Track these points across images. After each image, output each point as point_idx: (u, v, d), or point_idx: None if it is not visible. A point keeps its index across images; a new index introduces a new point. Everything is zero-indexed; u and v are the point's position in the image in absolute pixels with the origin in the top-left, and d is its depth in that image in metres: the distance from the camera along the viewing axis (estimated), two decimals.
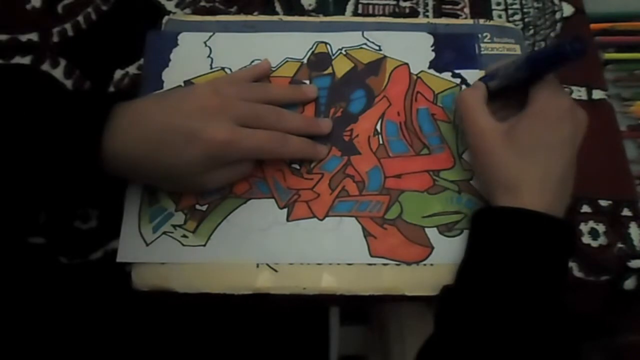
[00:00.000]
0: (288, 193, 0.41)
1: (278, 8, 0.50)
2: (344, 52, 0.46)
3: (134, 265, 0.39)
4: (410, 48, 0.47)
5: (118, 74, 0.46)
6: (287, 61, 0.46)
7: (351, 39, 0.47)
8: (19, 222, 0.41)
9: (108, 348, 0.44)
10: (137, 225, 0.40)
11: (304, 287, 0.39)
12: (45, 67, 0.47)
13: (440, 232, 0.40)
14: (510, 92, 0.40)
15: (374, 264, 0.39)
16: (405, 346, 0.57)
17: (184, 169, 0.36)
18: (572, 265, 0.41)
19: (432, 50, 0.47)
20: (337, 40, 0.47)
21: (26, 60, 0.47)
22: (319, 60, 0.46)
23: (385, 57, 0.46)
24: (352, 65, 0.46)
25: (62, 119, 0.34)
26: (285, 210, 0.41)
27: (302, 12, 0.50)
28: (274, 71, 0.45)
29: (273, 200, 0.41)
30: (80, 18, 0.49)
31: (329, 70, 0.46)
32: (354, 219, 0.40)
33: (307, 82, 0.45)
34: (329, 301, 0.44)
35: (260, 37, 0.47)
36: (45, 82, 0.42)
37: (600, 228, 0.42)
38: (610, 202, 0.43)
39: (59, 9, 0.49)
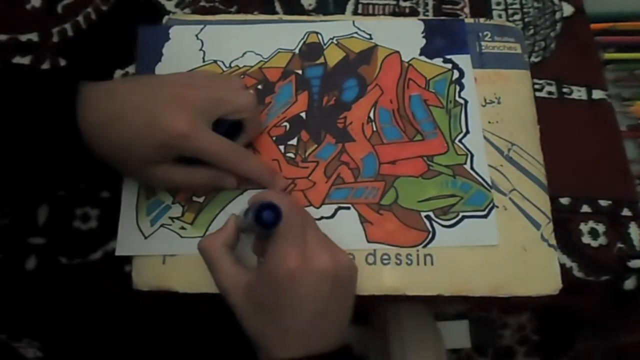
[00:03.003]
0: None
1: (278, 8, 0.50)
2: (336, 42, 0.47)
3: (135, 265, 0.39)
4: (401, 36, 0.47)
5: (118, 74, 0.46)
6: (279, 52, 0.46)
7: (342, 28, 0.47)
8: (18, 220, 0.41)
9: (108, 348, 0.44)
10: (134, 219, 0.40)
11: None
12: (45, 67, 0.46)
13: (436, 216, 0.41)
14: None
15: (374, 263, 0.39)
16: (405, 346, 0.57)
17: (140, 152, 0.36)
18: (572, 265, 0.41)
19: (423, 37, 0.47)
20: (328, 30, 0.47)
21: (26, 60, 0.47)
22: (311, 50, 0.46)
23: (376, 45, 0.47)
24: (344, 54, 0.46)
25: (32, 99, 0.34)
26: None
27: (302, 11, 0.50)
28: (266, 62, 0.46)
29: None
30: (80, 18, 0.49)
31: (321, 60, 0.46)
32: (350, 206, 0.41)
33: (300, 72, 0.45)
34: None
35: (252, 28, 0.47)
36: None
37: (600, 228, 0.42)
38: (610, 202, 0.43)
39: (59, 9, 0.49)
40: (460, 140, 0.43)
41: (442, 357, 0.57)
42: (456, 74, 0.46)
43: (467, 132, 0.43)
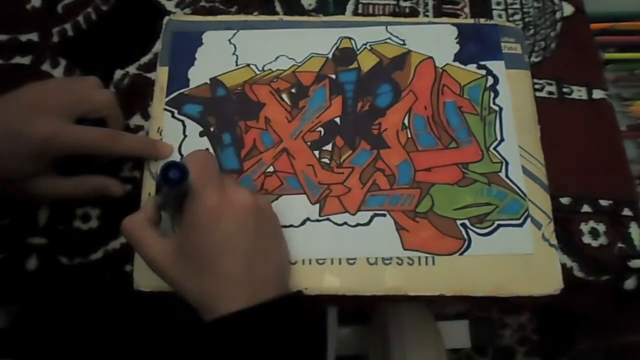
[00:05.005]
0: (319, 188, 0.41)
1: (278, 8, 0.50)
2: (369, 47, 0.47)
3: (136, 265, 0.39)
4: (435, 41, 0.47)
5: (118, 74, 0.46)
6: (312, 56, 0.46)
7: (375, 33, 0.47)
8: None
9: (108, 348, 0.44)
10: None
11: (305, 287, 0.38)
12: (45, 67, 0.46)
13: (472, 224, 0.41)
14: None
15: (375, 264, 0.39)
16: (405, 346, 0.57)
17: (14, 167, 0.36)
18: (572, 265, 0.41)
19: (457, 43, 0.47)
20: (361, 35, 0.47)
21: (26, 60, 0.47)
22: (344, 55, 0.46)
23: (409, 51, 0.46)
24: (378, 59, 0.46)
25: None
26: (317, 205, 0.41)
27: (302, 11, 0.50)
28: (299, 66, 0.46)
29: (304, 196, 0.41)
30: (80, 18, 0.49)
31: (355, 65, 0.46)
32: (386, 213, 0.41)
33: (333, 76, 0.45)
34: (330, 301, 0.44)
35: (284, 33, 0.47)
36: None
37: (601, 228, 0.42)
38: (610, 202, 0.43)
39: (59, 9, 0.49)
40: (495, 148, 0.43)
41: (442, 357, 0.58)
42: (490, 80, 0.45)
43: (502, 139, 0.43)
